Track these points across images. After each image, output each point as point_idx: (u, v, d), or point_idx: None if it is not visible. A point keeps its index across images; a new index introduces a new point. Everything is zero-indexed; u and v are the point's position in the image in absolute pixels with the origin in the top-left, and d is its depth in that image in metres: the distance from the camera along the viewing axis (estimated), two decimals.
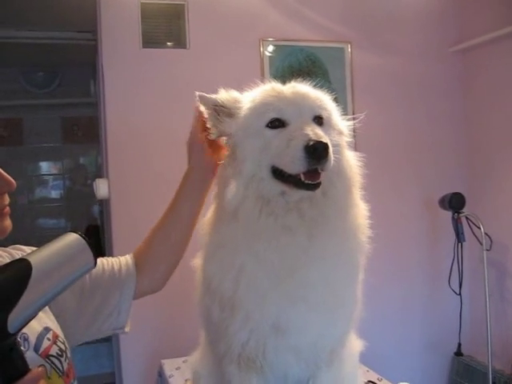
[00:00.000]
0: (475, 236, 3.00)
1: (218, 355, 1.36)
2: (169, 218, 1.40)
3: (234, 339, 1.24)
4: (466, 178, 3.39)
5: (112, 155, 2.81)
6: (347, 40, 3.16)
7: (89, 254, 0.94)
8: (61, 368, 1.13)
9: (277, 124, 1.17)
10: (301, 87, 1.25)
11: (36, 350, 1.10)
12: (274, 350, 1.23)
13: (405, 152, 3.29)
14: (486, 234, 2.92)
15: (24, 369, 0.86)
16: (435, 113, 3.34)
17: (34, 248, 1.18)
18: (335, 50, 3.17)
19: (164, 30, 2.91)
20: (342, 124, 1.30)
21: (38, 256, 0.89)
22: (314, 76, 3.11)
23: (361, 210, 1.31)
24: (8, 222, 1.13)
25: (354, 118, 1.34)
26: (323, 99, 1.25)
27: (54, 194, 5.57)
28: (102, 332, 1.40)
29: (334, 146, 1.17)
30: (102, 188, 2.79)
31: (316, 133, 1.10)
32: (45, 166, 5.52)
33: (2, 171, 1.06)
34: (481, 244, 2.94)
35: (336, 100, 3.07)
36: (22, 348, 0.89)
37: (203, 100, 1.25)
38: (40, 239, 5.07)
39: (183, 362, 2.09)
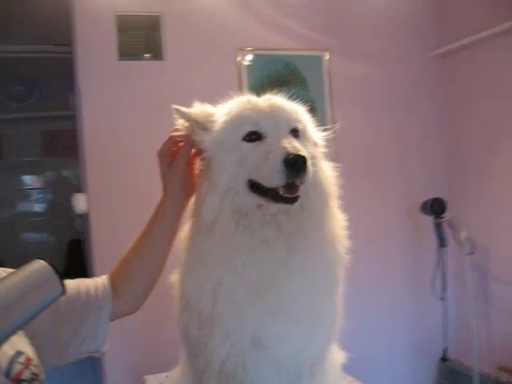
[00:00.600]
0: (458, 240, 3.01)
1: (197, 371, 1.34)
2: (144, 242, 1.37)
3: (213, 355, 1.22)
4: (447, 182, 3.40)
5: (90, 169, 2.77)
6: (326, 48, 3.16)
7: (56, 281, 0.91)
8: None
9: (253, 137, 1.16)
10: (276, 99, 1.24)
11: (7, 374, 1.07)
12: (254, 364, 1.21)
13: (386, 158, 3.30)
14: (468, 237, 2.92)
15: None
16: (416, 118, 3.35)
17: (9, 270, 1.15)
18: (313, 58, 3.17)
19: (140, 41, 2.88)
20: (316, 135, 1.30)
21: (1, 286, 0.87)
22: (293, 85, 3.10)
23: (339, 221, 1.31)
24: None
25: (329, 128, 1.32)
26: (298, 111, 1.24)
27: (37, 207, 5.54)
28: (78, 355, 1.37)
29: (310, 157, 1.17)
30: (80, 202, 2.76)
31: (294, 146, 1.10)
32: (26, 180, 5.48)
33: None
34: (462, 248, 2.95)
35: (315, 108, 3.12)
36: None
37: (179, 113, 1.24)
38: (23, 253, 5.05)
39: (166, 377, 2.05)
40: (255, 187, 1.14)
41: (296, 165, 1.06)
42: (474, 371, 2.92)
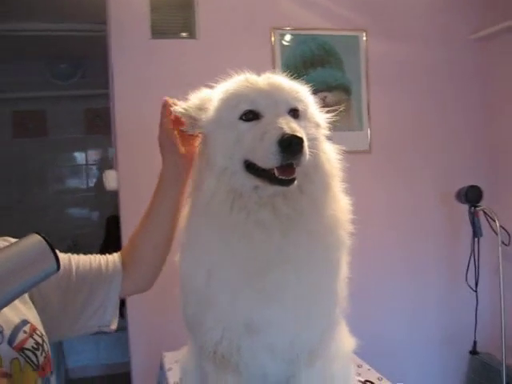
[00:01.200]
0: (493, 230, 2.90)
1: (197, 351, 1.35)
2: (149, 219, 1.39)
3: (207, 337, 1.22)
4: (484, 170, 3.26)
5: (121, 146, 2.81)
6: (362, 28, 3.07)
7: (50, 257, 0.92)
8: (35, 362, 1.14)
9: (251, 116, 1.12)
10: (276, 78, 1.19)
11: (10, 342, 1.11)
12: (248, 348, 1.20)
13: (421, 143, 3.20)
14: (502, 227, 2.81)
15: None
16: (454, 103, 3.23)
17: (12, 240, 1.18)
18: (350, 38, 3.09)
19: (173, 20, 2.88)
20: (319, 116, 1.24)
21: None
22: (328, 66, 3.04)
23: (341, 205, 1.23)
24: None
25: (328, 110, 1.27)
26: (299, 91, 1.19)
27: (80, 184, 5.65)
28: (88, 328, 1.41)
29: (310, 139, 1.14)
30: (111, 179, 2.80)
31: (291, 126, 1.05)
32: (70, 157, 5.60)
33: None
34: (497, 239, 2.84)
35: (350, 91, 3.06)
36: None
37: (179, 113, 1.24)
38: (67, 228, 5.19)
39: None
40: (251, 168, 1.11)
41: (291, 146, 1.02)
42: (503, 365, 2.83)
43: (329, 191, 1.19)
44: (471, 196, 2.87)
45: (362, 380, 1.78)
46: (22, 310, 1.20)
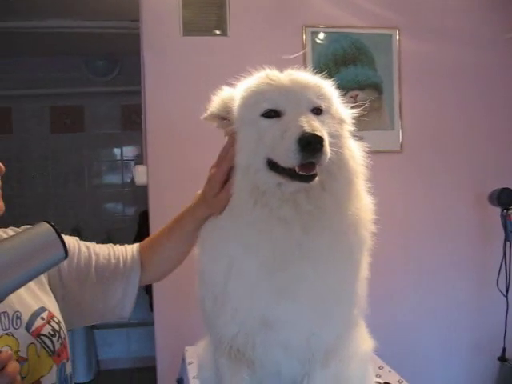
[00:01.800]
0: None
1: (212, 345, 1.36)
2: (174, 231, 1.42)
3: (223, 331, 1.23)
4: None
5: (151, 142, 2.84)
6: (395, 26, 3.03)
7: (58, 245, 0.94)
8: (51, 348, 1.18)
9: (272, 114, 1.12)
10: (298, 75, 1.19)
11: (27, 328, 1.15)
12: (263, 344, 1.21)
13: (455, 144, 3.12)
14: None
15: None
16: (488, 103, 3.15)
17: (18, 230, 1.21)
18: (382, 36, 3.04)
19: (205, 17, 2.89)
20: (343, 112, 1.23)
21: (5, 244, 0.92)
22: (360, 64, 3.01)
23: (365, 204, 1.22)
24: (1, 203, 1.17)
25: (356, 106, 1.26)
26: (322, 87, 1.18)
27: (116, 179, 5.73)
28: (104, 319, 1.46)
29: (334, 136, 1.14)
30: (140, 174, 2.84)
31: (311, 124, 1.05)
32: (107, 152, 5.68)
33: None
34: None
35: (382, 90, 3.02)
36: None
37: (207, 118, 1.25)
38: (102, 223, 5.27)
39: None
40: (273, 165, 1.11)
41: (311, 145, 1.02)
42: None
43: (352, 189, 1.18)
44: (504, 199, 2.81)
45: (381, 382, 1.76)
46: (41, 298, 1.24)
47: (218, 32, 2.91)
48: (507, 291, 3.00)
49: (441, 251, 3.10)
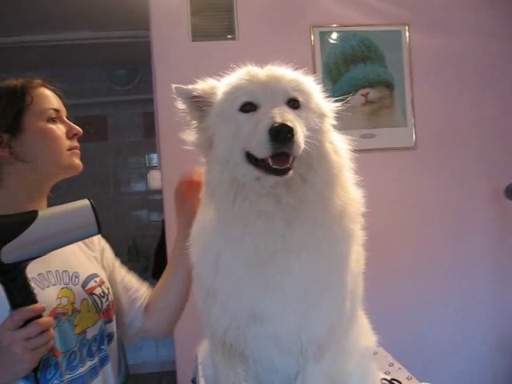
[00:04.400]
0: None
1: (210, 343, 1.38)
2: (168, 281, 1.64)
3: (216, 325, 1.25)
4: None
5: (164, 148, 2.88)
6: (404, 22, 3.01)
7: (92, 220, 1.12)
8: (100, 305, 1.43)
9: (249, 108, 1.14)
10: (276, 70, 1.20)
11: (83, 286, 1.41)
12: (254, 338, 1.22)
13: (469, 139, 3.09)
14: None
15: (29, 299, 1.07)
16: (500, 97, 3.10)
17: None
18: (391, 33, 3.03)
19: (213, 22, 2.93)
20: (324, 106, 1.23)
21: (48, 210, 1.12)
22: (370, 62, 3.00)
23: (351, 197, 1.22)
24: (79, 161, 1.47)
25: (338, 100, 1.26)
26: (300, 81, 1.19)
27: (140, 186, 5.81)
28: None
29: (313, 130, 1.14)
30: (155, 180, 2.88)
31: (282, 115, 1.06)
32: (130, 160, 5.77)
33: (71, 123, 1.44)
34: None
35: (393, 87, 3.00)
36: (31, 285, 1.11)
37: (179, 91, 1.26)
38: (128, 230, 5.34)
39: None
40: (251, 159, 1.12)
41: (281, 134, 1.03)
42: None
43: (335, 182, 1.17)
44: None
45: (388, 379, 1.75)
46: (97, 267, 1.51)
47: (226, 36, 2.94)
48: None
49: (458, 248, 3.06)
